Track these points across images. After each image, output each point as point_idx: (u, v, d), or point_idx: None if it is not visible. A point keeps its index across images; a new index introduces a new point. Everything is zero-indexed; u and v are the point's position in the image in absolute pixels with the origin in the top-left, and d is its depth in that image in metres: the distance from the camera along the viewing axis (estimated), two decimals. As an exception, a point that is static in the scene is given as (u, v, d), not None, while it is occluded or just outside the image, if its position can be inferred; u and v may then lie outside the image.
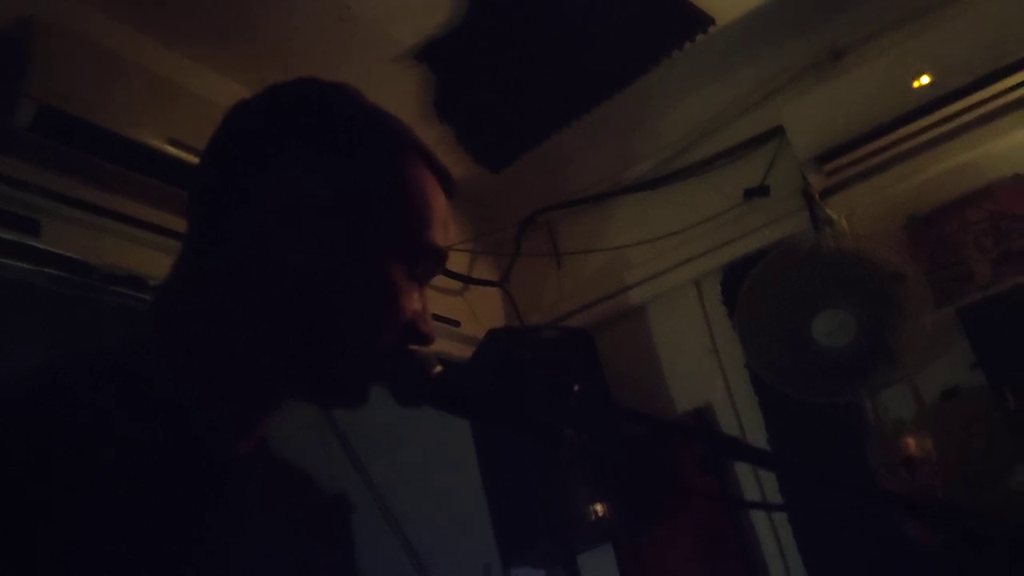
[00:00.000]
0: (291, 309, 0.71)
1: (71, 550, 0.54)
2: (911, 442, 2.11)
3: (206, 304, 0.72)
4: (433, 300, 2.64)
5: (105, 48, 1.81)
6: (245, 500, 0.72)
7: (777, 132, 2.69)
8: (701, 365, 2.81)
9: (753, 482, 2.55)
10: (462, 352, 2.72)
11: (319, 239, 0.71)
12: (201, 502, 0.66)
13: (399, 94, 2.53)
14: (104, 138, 1.73)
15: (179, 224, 1.94)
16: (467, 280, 2.97)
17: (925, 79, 2.34)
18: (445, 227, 0.77)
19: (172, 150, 1.81)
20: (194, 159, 1.84)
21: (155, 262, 1.88)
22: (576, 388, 0.72)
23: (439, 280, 2.77)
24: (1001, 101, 2.33)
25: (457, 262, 2.92)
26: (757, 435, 2.61)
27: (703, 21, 2.54)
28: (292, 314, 0.71)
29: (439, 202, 0.77)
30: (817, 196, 2.56)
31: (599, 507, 2.47)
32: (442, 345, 2.69)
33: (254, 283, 0.71)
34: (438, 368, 0.73)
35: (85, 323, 2.12)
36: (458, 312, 2.83)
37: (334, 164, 0.73)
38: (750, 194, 2.73)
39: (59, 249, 1.73)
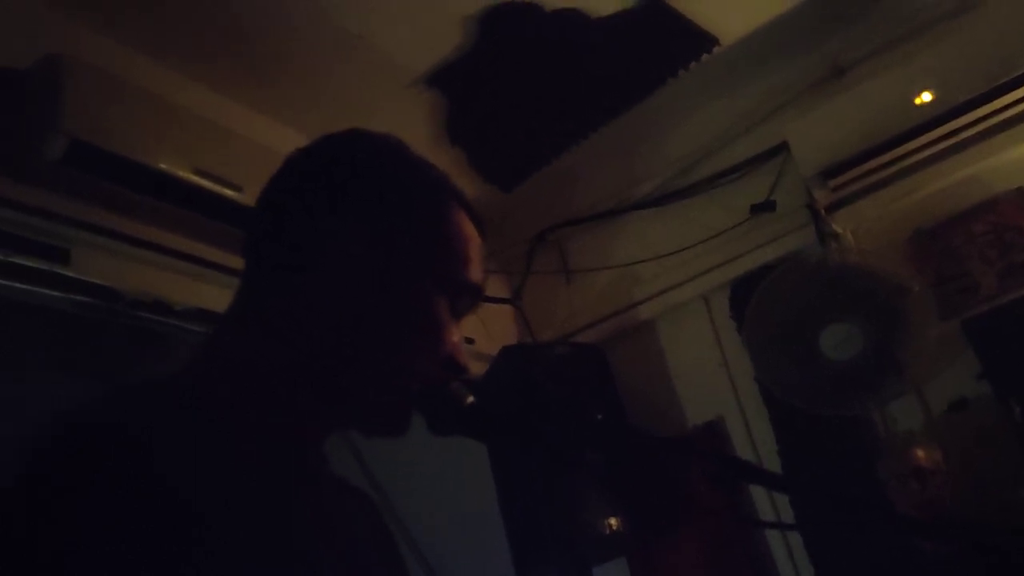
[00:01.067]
0: (340, 345, 0.77)
1: (164, 558, 0.59)
2: (920, 453, 2.14)
3: (262, 340, 0.78)
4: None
5: (132, 82, 1.87)
6: (308, 514, 0.78)
7: (782, 148, 2.73)
8: (711, 379, 2.84)
9: (765, 496, 2.57)
10: (477, 369, 2.76)
11: (368, 281, 0.77)
12: (261, 513, 0.71)
13: (411, 119, 2.58)
14: (132, 169, 1.78)
15: (203, 251, 2.01)
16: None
17: (927, 96, 2.38)
18: (481, 266, 0.82)
19: (197, 179, 1.87)
20: (218, 187, 1.90)
21: (180, 288, 1.94)
22: (599, 417, 0.77)
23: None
24: (1003, 116, 2.36)
25: (469, 280, 2.96)
26: (767, 448, 2.65)
27: (708, 41, 2.60)
28: (341, 350, 0.77)
29: (476, 243, 0.84)
30: (823, 211, 2.59)
31: (613, 521, 2.50)
32: (457, 362, 2.72)
33: (306, 322, 0.77)
34: (470, 399, 0.78)
35: (102, 346, 2.18)
36: (472, 330, 2.88)
37: (382, 211, 0.80)
38: (756, 210, 2.77)
39: (88, 276, 1.79)
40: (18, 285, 1.70)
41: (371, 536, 0.92)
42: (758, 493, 2.61)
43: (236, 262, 1.95)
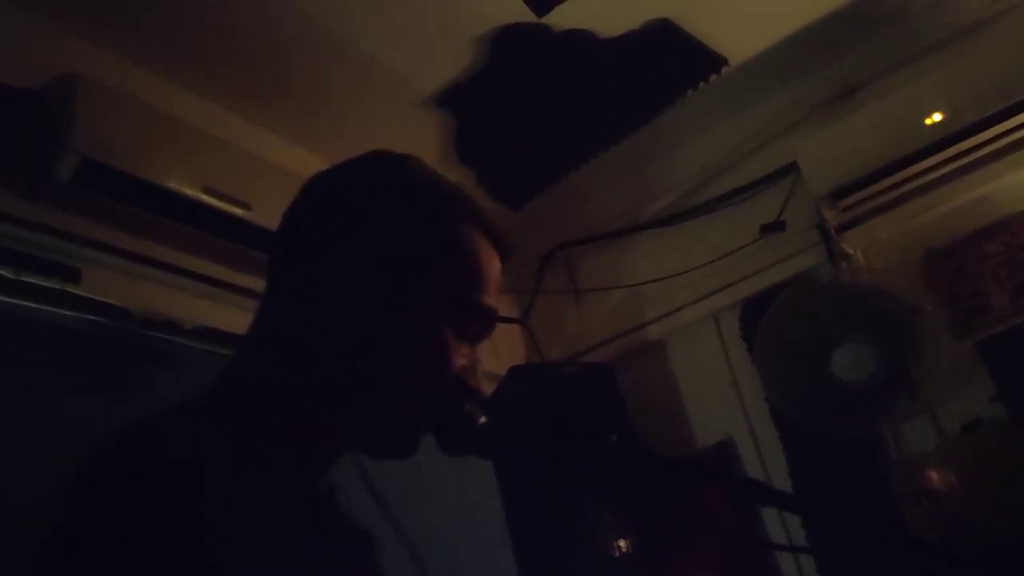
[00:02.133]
0: (350, 369, 0.77)
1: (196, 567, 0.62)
2: (934, 475, 2.12)
3: (275, 363, 0.79)
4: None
5: (141, 101, 1.88)
6: (317, 534, 0.80)
7: (792, 168, 2.73)
8: (721, 399, 2.82)
9: (777, 517, 2.54)
10: (485, 389, 2.75)
11: (376, 304, 0.77)
12: (281, 531, 0.73)
13: (421, 139, 2.59)
14: (141, 188, 1.80)
15: (213, 270, 2.01)
16: (489, 317, 3.01)
17: (938, 116, 2.37)
18: (497, 290, 0.82)
19: (206, 198, 1.88)
20: (227, 206, 1.91)
21: (190, 306, 1.95)
22: (614, 438, 0.76)
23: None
24: (1015, 136, 2.35)
25: (478, 299, 2.96)
26: (778, 468, 2.62)
27: (716, 62, 2.61)
28: (351, 373, 0.77)
29: (492, 266, 0.83)
30: (833, 231, 2.59)
31: (622, 543, 2.48)
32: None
33: (316, 345, 0.78)
34: (482, 419, 0.77)
35: (111, 365, 2.18)
36: (481, 349, 2.87)
37: (392, 234, 0.79)
38: (766, 230, 2.77)
39: (99, 296, 1.80)
40: (29, 304, 1.70)
41: (373, 567, 0.93)
42: (769, 514, 2.58)
43: (245, 281, 1.97)
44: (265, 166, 2.04)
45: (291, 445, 0.77)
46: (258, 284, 0.87)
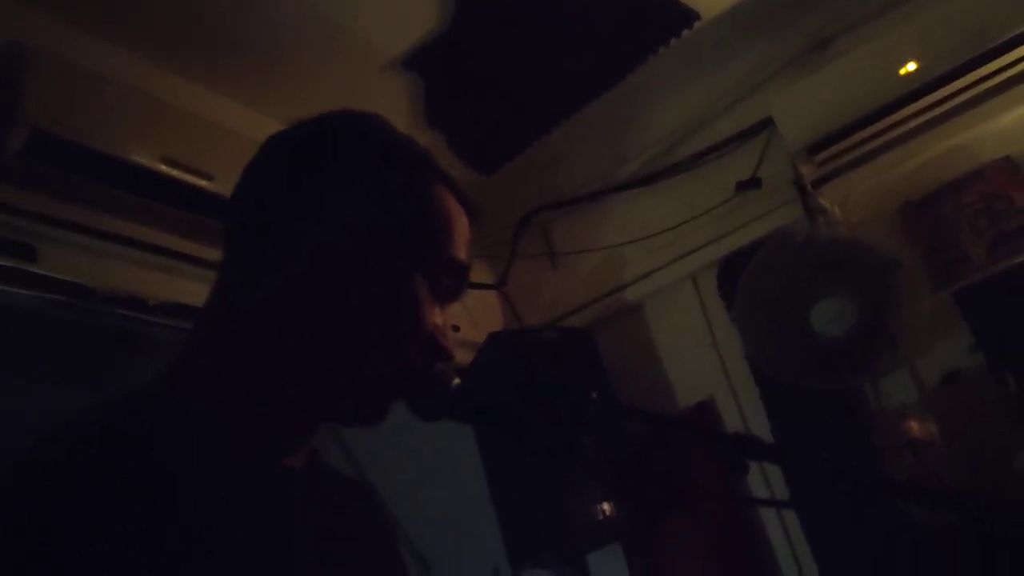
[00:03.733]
0: (321, 332, 0.74)
1: (151, 554, 0.59)
2: (914, 425, 2.13)
3: (243, 334, 0.76)
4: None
5: (93, 70, 1.80)
6: (296, 509, 0.76)
7: (767, 124, 2.70)
8: (701, 359, 2.82)
9: (760, 476, 2.55)
10: (463, 357, 2.72)
11: (349, 263, 0.74)
12: (254, 512, 0.71)
13: (388, 103, 2.52)
14: (97, 160, 1.72)
15: (175, 243, 1.95)
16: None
17: (912, 65, 2.35)
18: (468, 248, 0.79)
19: (165, 169, 1.81)
20: (188, 176, 1.84)
21: (154, 282, 1.88)
22: (594, 395, 0.73)
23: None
24: (989, 84, 2.34)
25: (453, 267, 2.92)
26: (760, 426, 2.62)
27: (688, 16, 2.55)
28: (322, 337, 0.74)
29: (461, 222, 0.82)
30: (809, 186, 2.56)
31: (606, 506, 2.47)
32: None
33: (285, 311, 0.75)
34: (456, 381, 0.74)
35: (76, 350, 2.12)
36: (456, 317, 2.83)
37: (363, 192, 0.77)
38: (742, 187, 2.74)
39: (57, 273, 1.73)
40: (-17, 284, 1.64)
41: (364, 529, 0.90)
42: (753, 475, 2.59)
43: (210, 254, 1.90)
44: (226, 135, 1.96)
45: (262, 422, 0.74)
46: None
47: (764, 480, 2.55)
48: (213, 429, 0.70)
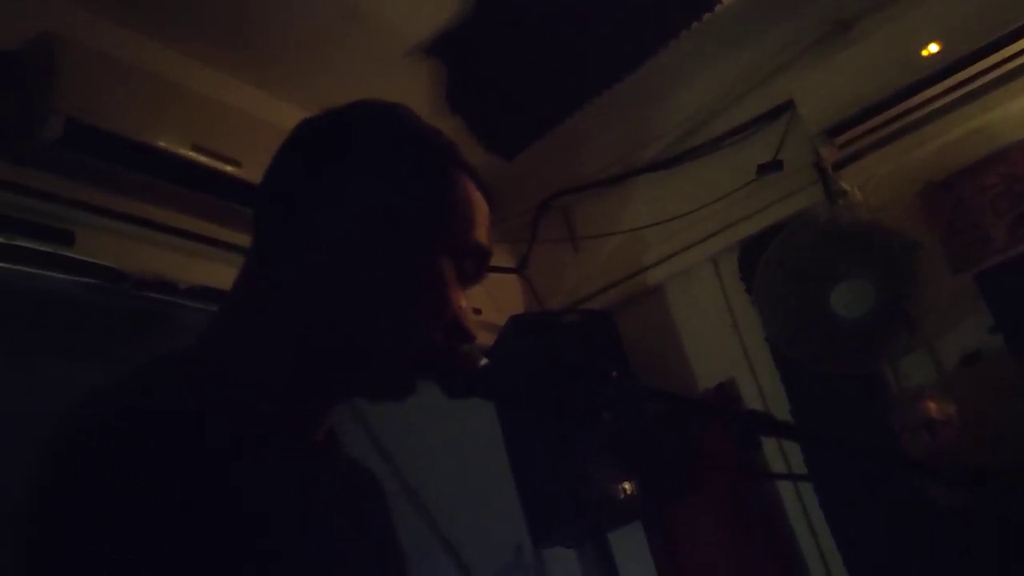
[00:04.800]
0: (348, 313, 0.77)
1: (182, 527, 0.61)
2: (932, 405, 2.13)
3: (270, 313, 0.78)
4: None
5: (126, 60, 1.85)
6: (323, 482, 0.80)
7: (788, 107, 2.70)
8: (722, 341, 2.84)
9: (778, 453, 2.58)
10: (484, 339, 2.76)
11: (381, 251, 0.77)
12: (294, 482, 0.74)
13: (410, 89, 2.55)
14: (128, 148, 1.77)
15: (204, 228, 1.99)
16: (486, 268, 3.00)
17: (934, 47, 2.34)
18: (490, 232, 0.82)
19: (194, 155, 1.85)
20: (216, 163, 1.89)
21: (185, 266, 1.94)
22: (614, 375, 0.76)
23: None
24: (1011, 65, 2.32)
25: (475, 250, 2.95)
26: (779, 408, 2.64)
27: (709, 0, 2.55)
28: (349, 317, 0.77)
29: (483, 207, 0.84)
30: (830, 168, 2.57)
31: (627, 485, 2.50)
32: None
33: (313, 292, 0.77)
34: (483, 361, 0.77)
35: (107, 332, 2.17)
36: (478, 300, 2.87)
37: (386, 179, 0.80)
38: (763, 169, 2.74)
39: (93, 258, 1.78)
40: (23, 268, 1.69)
41: (373, 511, 0.93)
42: (771, 450, 2.61)
43: (238, 239, 1.95)
44: (254, 122, 2.00)
45: (286, 395, 0.77)
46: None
47: (782, 455, 2.57)
48: (238, 408, 0.72)
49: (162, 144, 1.82)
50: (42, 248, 1.70)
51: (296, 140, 0.85)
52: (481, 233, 0.82)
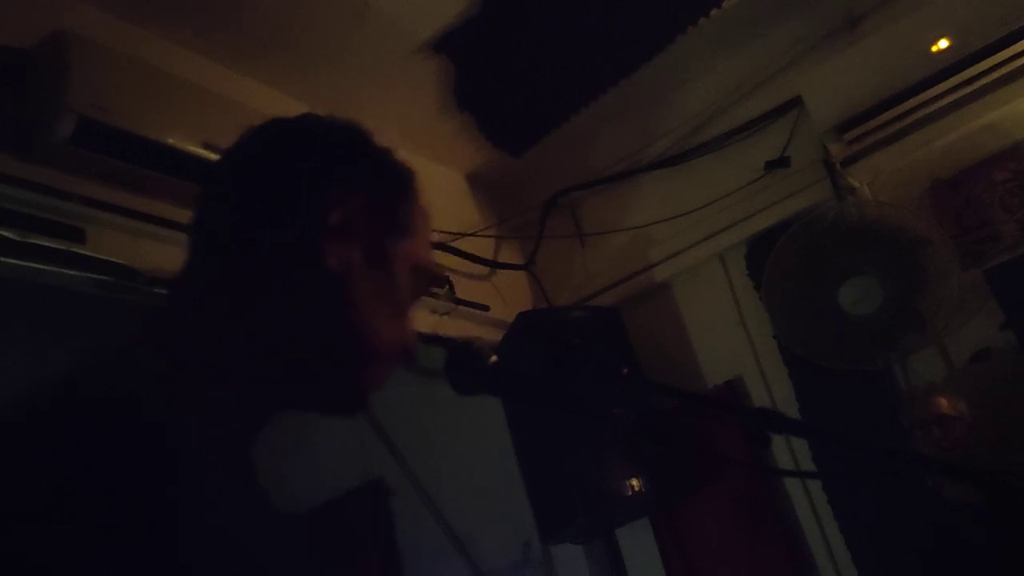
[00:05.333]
0: (304, 329, 0.75)
1: (89, 535, 0.57)
2: (943, 401, 2.13)
3: (230, 321, 0.75)
4: (461, 286, 2.70)
5: (136, 57, 1.86)
6: (248, 493, 0.76)
7: (796, 103, 2.70)
8: (729, 338, 2.84)
9: (786, 450, 2.57)
10: (492, 336, 2.77)
11: (342, 254, 0.76)
12: (210, 496, 0.69)
13: (418, 86, 2.56)
14: (140, 145, 1.78)
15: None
16: (493, 265, 3.02)
17: (943, 43, 2.34)
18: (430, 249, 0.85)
19: (207, 153, 1.86)
20: (227, 161, 1.89)
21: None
22: (625, 371, 0.76)
23: (466, 266, 2.81)
24: (1021, 61, 2.32)
25: (483, 247, 2.96)
26: (788, 405, 2.64)
27: (716, -4, 2.55)
28: (306, 333, 0.75)
29: (427, 226, 0.85)
30: (838, 165, 2.56)
31: (635, 482, 2.51)
32: (472, 330, 2.73)
33: (282, 310, 0.75)
34: (493, 358, 0.78)
35: (114, 326, 2.18)
36: (486, 297, 2.88)
37: (357, 191, 0.79)
38: (771, 166, 2.74)
39: (104, 255, 1.79)
40: (34, 265, 1.70)
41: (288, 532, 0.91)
42: (779, 447, 2.61)
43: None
44: (264, 120, 2.01)
45: (233, 405, 0.74)
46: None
47: (790, 452, 2.57)
48: (188, 408, 0.69)
49: (173, 141, 1.83)
50: (53, 245, 1.71)
51: (272, 136, 0.83)
52: (431, 253, 0.84)
